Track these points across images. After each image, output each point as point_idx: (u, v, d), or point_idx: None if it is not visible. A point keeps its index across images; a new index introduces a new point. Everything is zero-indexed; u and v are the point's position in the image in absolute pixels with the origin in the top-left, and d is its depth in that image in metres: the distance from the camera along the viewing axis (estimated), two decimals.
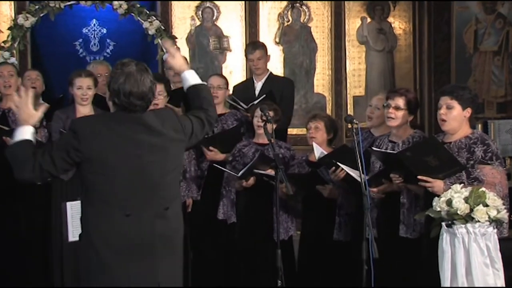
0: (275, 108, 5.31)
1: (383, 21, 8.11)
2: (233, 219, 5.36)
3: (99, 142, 3.31)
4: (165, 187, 3.41)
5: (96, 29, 7.92)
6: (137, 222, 3.33)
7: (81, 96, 5.35)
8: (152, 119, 3.43)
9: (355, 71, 8.09)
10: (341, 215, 5.05)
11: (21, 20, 7.42)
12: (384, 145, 4.72)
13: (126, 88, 3.34)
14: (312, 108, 7.77)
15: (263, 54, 6.24)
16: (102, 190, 3.33)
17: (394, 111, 4.62)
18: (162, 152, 3.40)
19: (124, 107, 3.37)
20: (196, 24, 7.89)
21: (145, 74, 3.40)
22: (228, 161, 5.41)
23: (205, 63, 7.87)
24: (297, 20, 7.99)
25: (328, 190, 5.04)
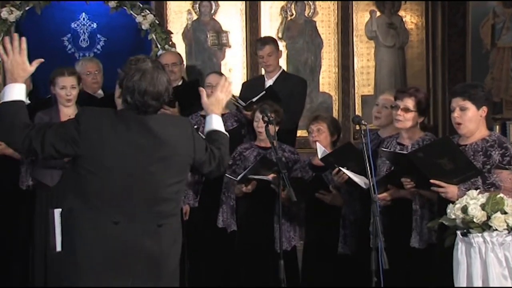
0: (276, 109, 5.32)
1: (394, 15, 8.11)
2: (233, 227, 5.36)
3: (99, 139, 3.29)
4: (162, 201, 3.37)
5: (86, 23, 7.92)
6: (124, 233, 3.29)
7: (65, 97, 5.33)
8: (162, 125, 3.39)
9: (363, 68, 8.09)
10: (346, 226, 5.05)
11: (5, 14, 7.42)
12: (392, 147, 4.73)
13: (141, 86, 3.33)
14: (317, 109, 7.77)
15: (273, 50, 6.27)
16: (92, 191, 3.30)
17: (403, 113, 4.62)
18: (164, 163, 3.36)
19: (137, 106, 3.35)
20: (193, 18, 7.89)
21: (161, 72, 3.40)
22: (228, 165, 5.41)
23: (203, 60, 7.87)
24: (301, 14, 7.99)
25: (331, 197, 5.04)
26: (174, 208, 3.46)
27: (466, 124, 4.24)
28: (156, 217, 3.36)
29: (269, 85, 5.98)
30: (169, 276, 3.45)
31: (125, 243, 3.29)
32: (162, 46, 7.55)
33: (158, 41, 7.57)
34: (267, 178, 4.99)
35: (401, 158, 4.36)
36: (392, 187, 4.59)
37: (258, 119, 5.28)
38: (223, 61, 7.91)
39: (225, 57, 7.91)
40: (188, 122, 3.61)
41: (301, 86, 6.35)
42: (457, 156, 4.14)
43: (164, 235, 3.37)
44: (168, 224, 3.40)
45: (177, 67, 6.51)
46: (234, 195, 5.34)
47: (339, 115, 7.88)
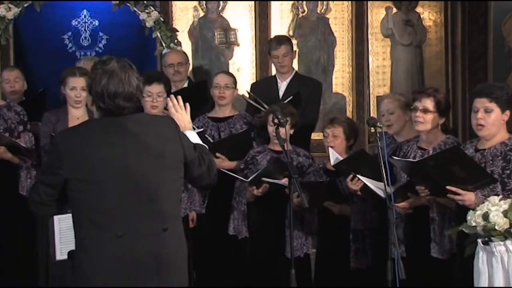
0: (291, 111, 5.33)
1: (411, 12, 8.10)
2: (245, 233, 5.37)
3: (80, 154, 3.31)
4: (163, 201, 3.40)
5: (87, 21, 7.95)
6: (130, 243, 3.32)
7: (75, 98, 5.38)
8: (142, 125, 3.42)
9: (378, 68, 8.09)
10: (357, 241, 5.04)
11: (3, 11, 7.46)
12: (412, 152, 4.72)
13: (110, 89, 3.34)
14: (330, 110, 7.77)
15: (289, 50, 6.30)
16: (89, 210, 3.32)
17: (422, 114, 4.61)
18: (153, 162, 3.38)
19: (111, 110, 3.37)
20: (200, 16, 7.91)
21: (130, 71, 3.40)
22: (240, 169, 5.43)
23: (210, 59, 7.88)
24: (314, 11, 8.00)
25: (339, 208, 5.05)
26: (176, 208, 3.50)
27: (489, 127, 4.23)
28: (160, 220, 3.38)
29: (297, 91, 5.98)
30: (180, 279, 3.48)
31: (133, 254, 3.32)
32: (167, 45, 7.57)
33: (163, 40, 7.60)
34: (281, 182, 4.99)
35: (413, 166, 4.36)
36: (413, 195, 4.58)
37: (271, 122, 5.29)
38: (231, 60, 7.92)
39: (233, 56, 7.92)
40: (170, 120, 3.60)
41: (317, 89, 6.37)
42: (469, 165, 4.14)
43: (170, 239, 3.41)
44: (172, 227, 3.43)
45: (183, 67, 6.54)
46: (245, 200, 5.35)
47: (353, 117, 7.86)
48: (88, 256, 3.33)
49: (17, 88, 6.25)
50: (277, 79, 6.39)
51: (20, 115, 5.69)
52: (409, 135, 4.96)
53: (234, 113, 5.90)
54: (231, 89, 5.83)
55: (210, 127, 5.80)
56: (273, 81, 6.43)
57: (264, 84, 6.56)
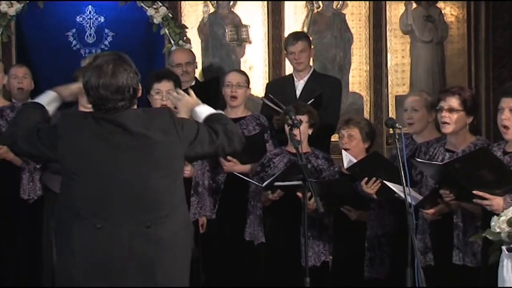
0: (309, 110, 5.32)
1: (432, 7, 8.09)
2: (261, 238, 5.38)
3: (72, 142, 3.48)
4: (149, 199, 3.49)
5: (92, 17, 7.98)
6: (108, 237, 3.44)
7: None
8: (133, 118, 3.51)
9: (397, 66, 8.08)
10: (372, 249, 5.03)
11: (5, 7, 7.50)
12: (439, 155, 4.70)
13: (92, 82, 3.48)
14: (346, 110, 7.76)
15: (306, 46, 6.29)
16: (74, 198, 3.47)
17: (448, 114, 4.58)
18: (142, 158, 3.48)
19: (97, 104, 3.50)
20: (210, 11, 7.92)
21: (118, 63, 3.50)
22: (256, 171, 5.44)
23: (220, 57, 7.89)
24: (329, 6, 7.99)
25: (357, 214, 5.04)
26: (168, 208, 3.54)
27: None
28: (144, 218, 3.47)
29: (319, 92, 5.96)
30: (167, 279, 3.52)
31: (111, 248, 3.43)
32: (176, 42, 7.58)
33: (171, 37, 7.61)
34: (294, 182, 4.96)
35: (438, 168, 4.35)
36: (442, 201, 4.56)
37: None
38: (242, 58, 7.93)
39: (245, 54, 7.93)
40: (167, 111, 3.67)
41: (336, 87, 6.35)
42: (498, 167, 4.13)
43: (157, 238, 3.48)
44: (161, 225, 3.49)
45: (191, 67, 6.54)
46: (260, 204, 5.35)
47: (370, 117, 7.86)
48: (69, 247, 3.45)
49: (25, 85, 6.27)
50: (293, 78, 6.37)
51: None
52: (429, 136, 4.95)
53: (247, 113, 5.90)
54: (244, 88, 5.84)
55: None
56: (289, 80, 6.42)
57: (280, 83, 6.55)
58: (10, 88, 6.35)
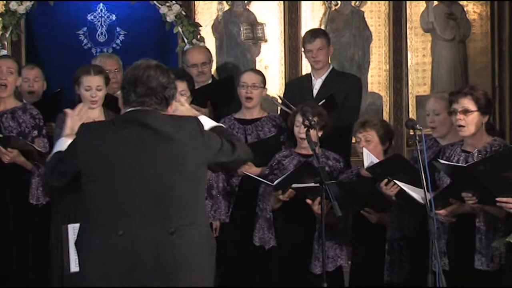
0: (319, 112, 5.32)
1: (454, 4, 8.07)
2: (272, 242, 5.36)
3: (95, 147, 3.52)
4: (173, 204, 3.52)
5: (104, 15, 8.00)
6: (130, 243, 3.46)
7: (90, 98, 5.39)
8: (163, 121, 3.57)
9: (418, 65, 8.06)
10: (393, 252, 5.02)
11: (14, 5, 7.53)
12: (455, 156, 4.70)
13: (132, 78, 3.58)
14: (365, 111, 7.74)
15: (324, 44, 6.27)
16: (96, 203, 3.51)
17: (463, 116, 4.58)
18: (170, 163, 3.52)
19: (129, 100, 3.58)
20: (224, 9, 7.94)
21: (155, 68, 3.61)
22: (265, 174, 5.44)
23: (235, 56, 7.90)
24: (347, 4, 7.99)
25: (377, 216, 5.03)
26: (190, 213, 3.57)
27: None
28: (167, 223, 3.50)
29: (330, 94, 5.95)
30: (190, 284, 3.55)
31: (134, 255, 3.46)
32: (190, 41, 7.60)
33: (185, 35, 7.63)
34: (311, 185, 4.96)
35: (461, 171, 4.33)
36: (455, 201, 4.55)
37: (298, 124, 5.29)
38: (258, 57, 7.94)
39: (261, 53, 7.94)
40: (194, 119, 3.73)
41: (356, 86, 6.33)
42: None
43: (179, 245, 3.51)
44: (184, 232, 3.52)
45: (207, 67, 6.53)
46: (270, 206, 5.35)
47: (390, 118, 7.85)
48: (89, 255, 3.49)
49: (36, 88, 6.27)
50: (311, 76, 6.36)
51: (36, 119, 5.73)
52: (454, 138, 4.92)
53: (263, 114, 5.90)
54: (259, 89, 5.83)
55: (237, 130, 5.81)
56: (307, 79, 6.41)
57: (298, 83, 6.54)
58: (21, 90, 6.37)
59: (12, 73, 5.74)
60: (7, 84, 5.72)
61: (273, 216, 5.38)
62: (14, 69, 5.78)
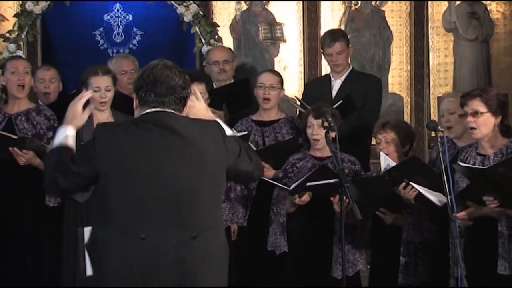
0: (332, 113, 5.31)
1: (476, 3, 8.05)
2: (283, 248, 5.34)
3: (116, 149, 3.50)
4: (195, 209, 3.53)
5: (120, 15, 8.04)
6: (153, 247, 3.46)
7: (100, 100, 5.39)
8: (185, 124, 3.59)
9: (440, 65, 8.04)
10: (408, 253, 5.00)
11: (30, 6, 7.58)
12: (471, 159, 4.69)
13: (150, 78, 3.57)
14: (386, 112, 7.74)
15: (344, 47, 6.21)
16: (116, 207, 3.50)
17: (474, 118, 4.58)
18: (191, 166, 3.52)
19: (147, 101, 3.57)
20: (243, 9, 7.95)
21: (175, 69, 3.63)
22: (279, 178, 5.43)
23: (254, 56, 7.91)
24: (368, 3, 7.98)
25: (393, 217, 5.02)
26: (211, 217, 3.59)
27: None
28: (189, 228, 3.51)
29: (347, 94, 5.93)
30: None
31: (156, 259, 3.46)
32: (207, 41, 7.61)
33: (202, 35, 7.64)
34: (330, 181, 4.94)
35: (480, 173, 4.32)
36: (473, 204, 4.54)
37: (311, 125, 5.28)
38: (276, 57, 7.94)
39: (279, 53, 7.95)
40: (216, 124, 3.75)
41: (375, 86, 6.30)
42: None
43: (200, 249, 3.52)
44: (204, 237, 3.53)
45: (229, 65, 6.53)
46: (284, 210, 5.34)
47: (411, 119, 7.84)
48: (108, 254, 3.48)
49: (52, 89, 6.30)
50: (331, 77, 6.35)
51: (50, 120, 5.76)
52: (471, 140, 4.92)
53: (280, 116, 5.90)
54: (277, 90, 5.82)
55: (254, 132, 5.81)
56: (326, 79, 6.39)
57: (317, 83, 6.51)
58: (37, 91, 6.40)
59: (28, 73, 5.80)
60: (25, 85, 5.76)
61: (287, 220, 5.37)
62: (29, 69, 5.83)
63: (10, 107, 5.82)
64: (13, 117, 5.73)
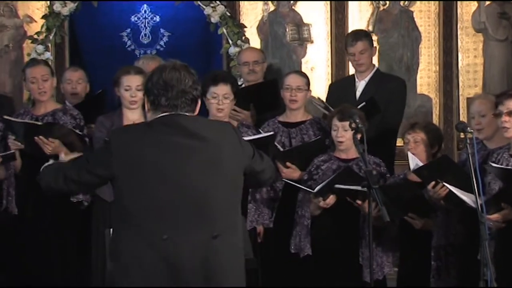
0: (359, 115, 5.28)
1: (507, 3, 8.00)
2: (307, 251, 5.33)
3: (132, 152, 3.51)
4: (214, 209, 3.54)
5: (147, 16, 8.08)
6: (175, 248, 3.48)
7: (130, 98, 5.46)
8: (200, 125, 3.60)
9: (469, 66, 8.00)
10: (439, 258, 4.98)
11: (58, 7, 7.64)
12: (503, 161, 4.68)
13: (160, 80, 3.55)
14: (414, 114, 7.72)
15: (367, 47, 6.22)
16: (137, 208, 3.50)
17: (508, 118, 4.57)
18: (211, 165, 3.54)
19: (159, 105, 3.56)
20: (270, 10, 7.95)
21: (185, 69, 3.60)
22: (303, 180, 5.42)
23: (281, 57, 7.92)
24: (396, 3, 7.96)
25: (422, 222, 5.00)
26: (230, 216, 3.60)
27: None
28: (210, 228, 3.52)
29: (371, 97, 5.92)
30: None
31: (178, 259, 3.48)
32: (234, 42, 7.63)
33: (229, 36, 7.66)
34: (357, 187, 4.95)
35: None
36: (508, 206, 4.51)
37: (336, 127, 5.28)
38: (304, 58, 7.94)
39: (307, 54, 7.94)
40: (231, 125, 3.79)
41: (400, 88, 6.28)
42: None
43: (221, 249, 3.53)
44: (225, 235, 3.55)
45: (259, 66, 6.52)
46: (308, 213, 5.33)
47: (440, 120, 7.81)
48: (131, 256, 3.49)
49: (79, 90, 6.37)
50: (355, 78, 6.34)
51: (76, 119, 5.80)
52: (501, 141, 4.90)
53: (307, 117, 5.89)
54: (304, 92, 5.82)
55: (281, 133, 5.81)
56: (350, 80, 6.38)
57: (341, 84, 6.51)
58: (64, 92, 6.46)
59: (47, 79, 5.80)
60: (46, 91, 5.80)
61: (311, 223, 5.36)
62: (49, 74, 5.84)
63: (37, 109, 5.88)
64: (40, 118, 5.78)
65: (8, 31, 7.80)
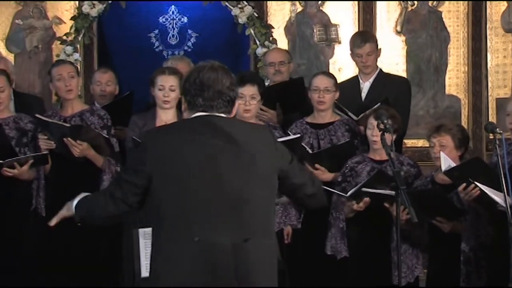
0: (392, 114, 5.27)
1: None
2: (344, 253, 5.35)
3: (166, 152, 3.50)
4: (247, 211, 3.51)
5: (175, 17, 8.10)
6: (206, 250, 3.46)
7: (163, 98, 5.48)
8: (236, 127, 3.58)
9: (498, 66, 7.95)
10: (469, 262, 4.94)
11: (87, 8, 7.68)
12: None
13: (197, 80, 3.52)
14: (442, 114, 7.69)
15: (374, 49, 6.24)
16: (170, 210, 3.50)
17: None
18: (245, 167, 3.51)
19: (196, 105, 3.55)
20: (297, 10, 7.95)
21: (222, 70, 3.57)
22: (337, 182, 5.41)
23: (308, 58, 7.91)
24: (424, 4, 7.93)
25: (450, 226, 4.97)
26: (263, 220, 3.57)
27: None
28: (242, 232, 3.50)
29: (385, 97, 5.90)
30: None
31: (209, 261, 3.46)
32: (262, 43, 7.63)
33: (257, 37, 7.66)
34: (386, 192, 4.94)
35: None
36: None
37: (372, 127, 5.25)
38: (331, 59, 7.93)
39: (334, 55, 7.93)
40: (267, 128, 3.77)
41: (405, 88, 6.28)
42: None
43: (252, 252, 3.51)
44: (257, 239, 3.52)
45: (285, 67, 6.52)
46: (343, 216, 5.33)
47: (469, 121, 7.76)
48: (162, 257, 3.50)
49: (108, 91, 6.39)
50: (359, 79, 6.33)
51: (104, 119, 5.82)
52: None
53: (335, 118, 5.87)
54: (332, 93, 5.80)
55: (309, 134, 5.80)
56: (355, 82, 6.37)
57: (346, 85, 6.48)
58: (93, 93, 6.49)
59: (73, 77, 5.82)
60: (72, 89, 5.81)
61: (346, 225, 5.35)
62: (75, 73, 5.87)
63: (64, 110, 5.89)
64: (68, 119, 5.80)
65: (37, 32, 7.86)
